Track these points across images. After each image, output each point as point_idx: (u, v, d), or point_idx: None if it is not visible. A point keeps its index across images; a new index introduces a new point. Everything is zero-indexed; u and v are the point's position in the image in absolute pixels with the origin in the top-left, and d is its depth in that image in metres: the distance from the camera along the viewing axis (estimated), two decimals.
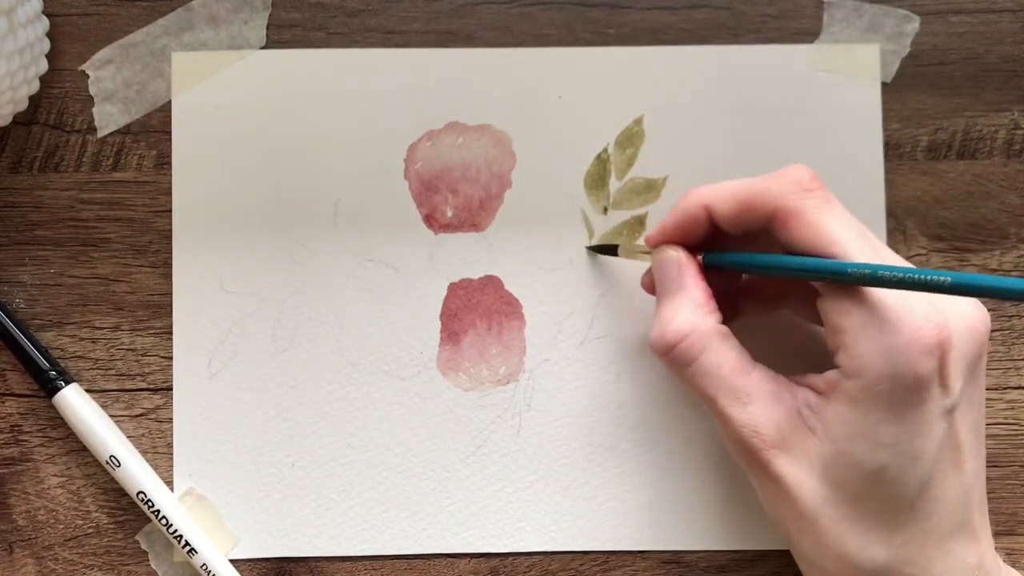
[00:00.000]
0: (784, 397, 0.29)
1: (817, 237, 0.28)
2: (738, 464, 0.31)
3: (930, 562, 0.28)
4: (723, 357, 0.30)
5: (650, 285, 0.34)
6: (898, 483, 0.28)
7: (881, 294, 0.28)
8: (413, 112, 0.36)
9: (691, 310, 0.30)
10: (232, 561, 0.34)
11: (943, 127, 0.36)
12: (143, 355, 0.35)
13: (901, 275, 0.26)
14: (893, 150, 0.36)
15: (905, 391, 0.27)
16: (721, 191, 0.31)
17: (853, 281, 0.28)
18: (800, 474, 0.29)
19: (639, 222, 0.36)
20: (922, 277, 0.26)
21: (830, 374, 0.29)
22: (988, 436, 0.35)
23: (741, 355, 0.30)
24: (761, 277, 0.34)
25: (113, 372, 0.35)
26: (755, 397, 0.29)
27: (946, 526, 0.28)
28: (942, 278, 0.25)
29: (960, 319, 0.28)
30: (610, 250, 0.35)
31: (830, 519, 0.29)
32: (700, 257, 0.32)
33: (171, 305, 0.35)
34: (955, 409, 0.28)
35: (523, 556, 0.35)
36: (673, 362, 0.31)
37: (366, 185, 0.36)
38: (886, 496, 0.28)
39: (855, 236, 0.29)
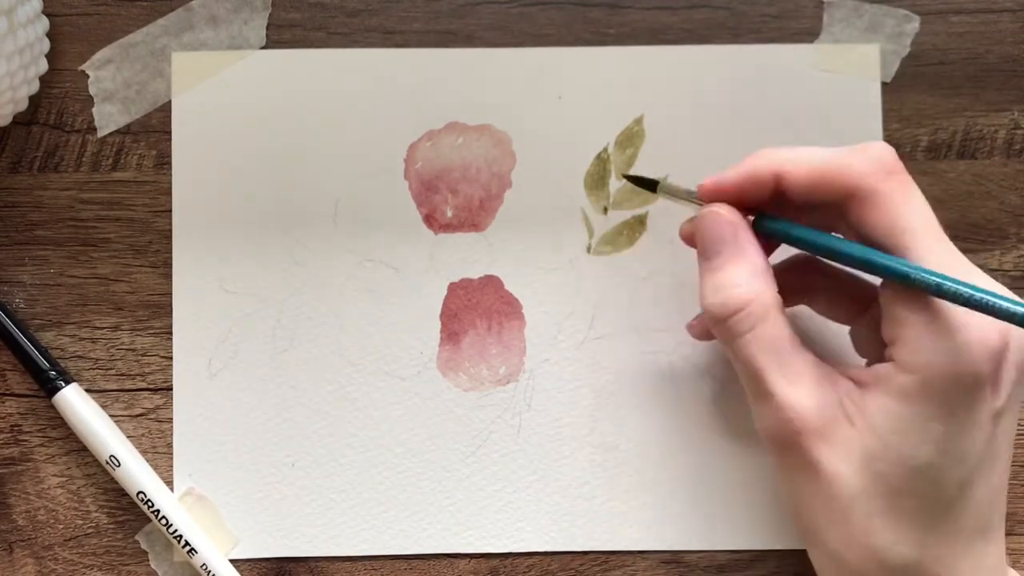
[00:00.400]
0: (828, 384, 0.29)
1: (892, 225, 0.28)
2: (768, 449, 0.30)
3: (957, 561, 0.28)
4: (782, 330, 0.29)
5: (690, 236, 0.32)
6: (940, 482, 0.28)
7: None
8: (413, 112, 0.36)
9: (753, 276, 0.29)
10: (232, 561, 0.34)
11: (943, 127, 0.36)
12: (143, 355, 0.35)
13: (967, 294, 0.26)
14: None
15: (963, 391, 0.27)
16: (797, 158, 0.29)
17: (913, 285, 0.27)
18: (838, 463, 0.28)
19: (639, 222, 0.36)
20: (990, 301, 0.26)
21: (880, 367, 0.28)
22: None
23: (794, 333, 0.29)
24: (797, 262, 0.33)
25: (113, 372, 0.35)
26: (804, 378, 0.28)
27: (975, 527, 0.28)
28: (1014, 308, 0.25)
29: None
30: (649, 185, 0.33)
31: (864, 511, 0.28)
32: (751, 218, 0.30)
33: (171, 305, 0.35)
34: (1002, 414, 0.28)
35: (523, 556, 0.35)
36: (729, 330, 0.29)
37: (366, 185, 0.36)
38: (926, 494, 0.28)
39: (932, 231, 0.28)
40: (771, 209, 0.30)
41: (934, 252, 0.27)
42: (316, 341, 0.35)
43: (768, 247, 0.31)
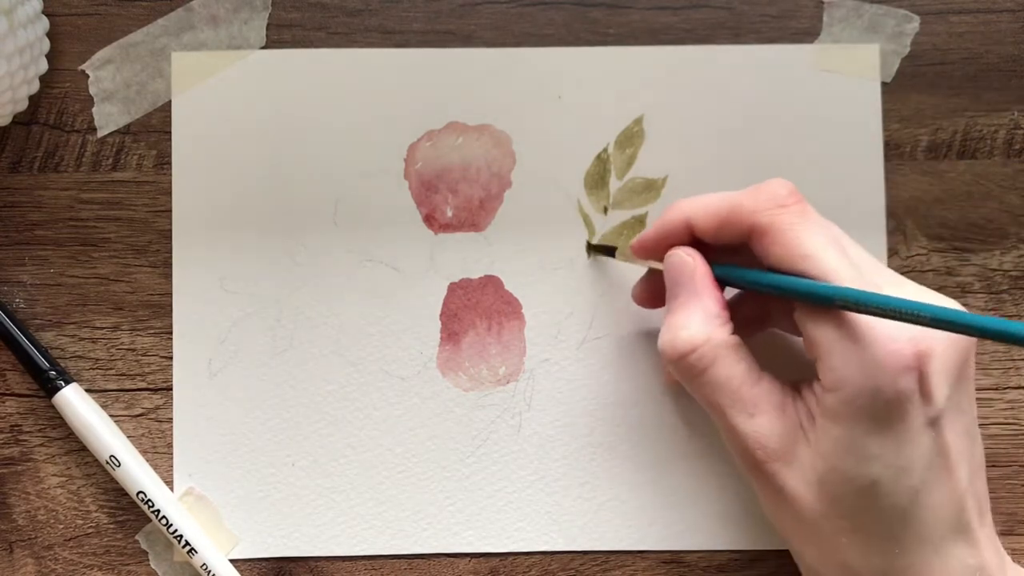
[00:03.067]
0: (789, 409, 0.29)
1: (789, 253, 0.29)
2: (742, 472, 0.31)
3: (929, 567, 0.28)
4: (733, 369, 0.30)
5: (641, 297, 0.34)
6: (890, 495, 0.28)
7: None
8: (413, 112, 0.36)
9: (704, 320, 0.30)
10: (232, 561, 0.34)
11: (943, 127, 0.36)
12: (143, 355, 0.35)
13: (876, 304, 0.26)
14: (893, 150, 0.36)
15: (885, 405, 0.27)
16: (701, 205, 0.31)
17: (827, 303, 0.27)
18: (801, 487, 0.29)
19: (639, 222, 0.36)
20: (897, 308, 0.25)
21: (815, 386, 0.29)
22: (988, 436, 0.35)
23: (750, 366, 0.30)
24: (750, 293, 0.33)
25: (113, 372, 0.35)
26: (761, 409, 0.29)
27: (942, 531, 0.28)
28: (920, 312, 0.25)
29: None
30: (608, 251, 0.35)
31: (829, 530, 0.29)
32: None
33: (171, 305, 0.35)
34: (941, 418, 0.28)
35: (523, 556, 0.35)
36: (683, 371, 0.30)
37: (366, 185, 0.36)
38: (879, 508, 0.28)
39: (831, 250, 0.28)
40: (719, 256, 0.31)
41: (837, 270, 0.28)
42: (316, 341, 0.35)
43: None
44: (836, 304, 0.27)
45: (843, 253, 0.29)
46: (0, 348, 0.35)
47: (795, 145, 0.36)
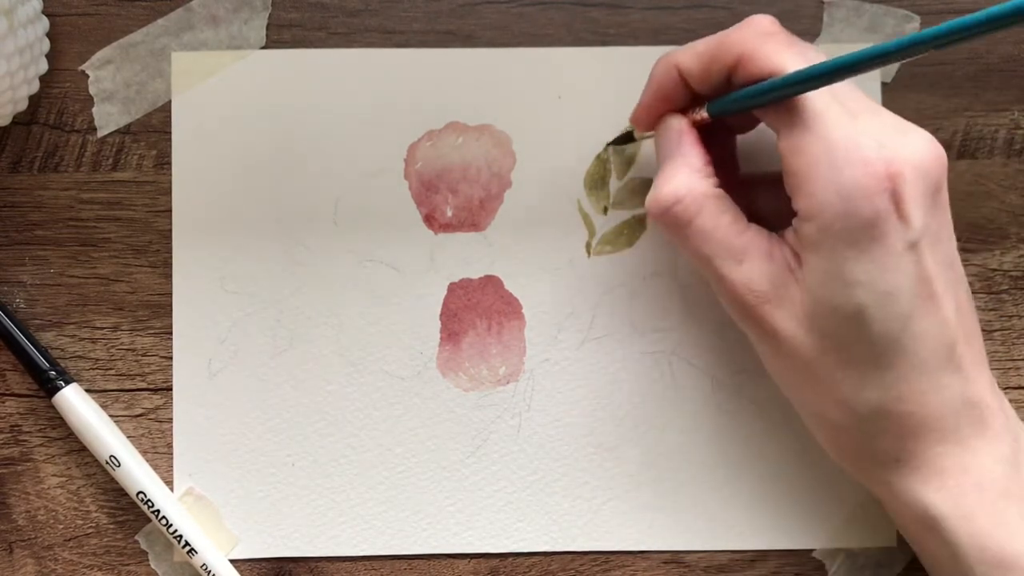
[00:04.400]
0: (776, 252, 0.30)
1: (773, 72, 0.29)
2: (736, 321, 0.32)
3: (924, 396, 0.29)
4: (718, 219, 0.30)
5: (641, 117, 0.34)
6: (879, 321, 0.28)
7: (829, 137, 0.28)
8: (413, 112, 0.36)
9: (687, 174, 0.30)
10: (232, 561, 0.34)
11: (943, 127, 0.36)
12: (143, 355, 0.35)
13: (835, 67, 0.26)
14: None
15: (863, 227, 0.28)
16: (687, 48, 0.31)
17: (791, 90, 0.28)
18: (792, 325, 0.29)
19: (639, 222, 0.36)
20: (861, 58, 0.26)
21: (795, 222, 0.29)
22: None
23: (736, 216, 0.30)
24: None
25: (113, 372, 0.35)
26: (749, 255, 0.30)
27: (934, 361, 0.29)
28: (887, 50, 0.25)
29: (911, 151, 0.28)
30: (627, 138, 0.35)
31: (823, 367, 0.29)
32: (703, 114, 0.31)
33: (171, 305, 0.35)
34: (919, 242, 0.28)
35: (523, 556, 0.35)
36: (669, 224, 0.31)
37: (366, 185, 0.36)
38: (870, 337, 0.28)
39: (806, 62, 0.28)
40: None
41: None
42: (316, 341, 0.35)
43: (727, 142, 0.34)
44: (802, 85, 0.27)
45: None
46: (0, 348, 0.35)
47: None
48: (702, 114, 0.31)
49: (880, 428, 0.29)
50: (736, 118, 0.32)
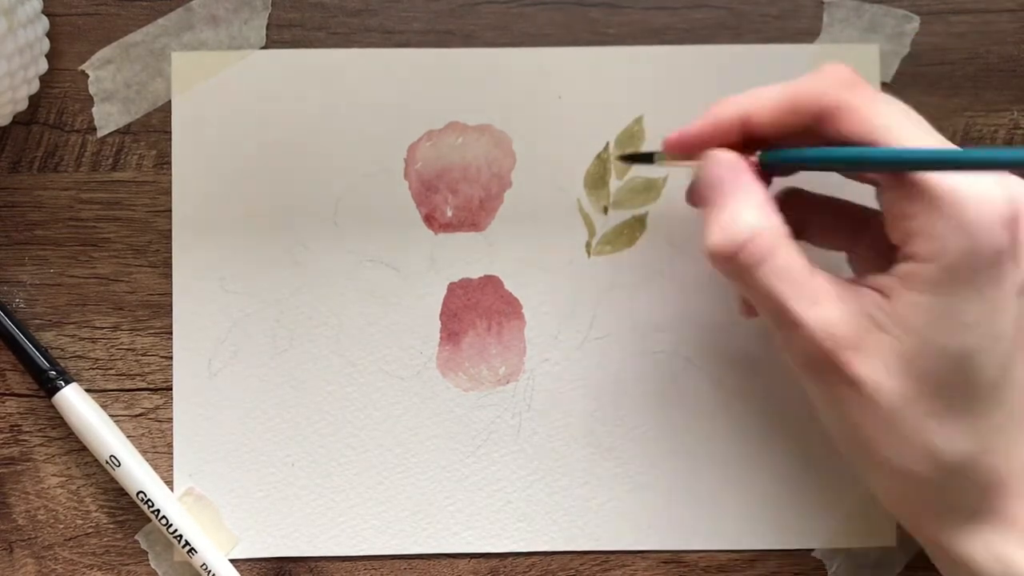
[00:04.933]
0: (851, 298, 0.28)
1: (870, 127, 0.28)
2: (804, 378, 0.30)
3: (1015, 450, 0.28)
4: (793, 258, 0.28)
5: (697, 197, 0.32)
6: (982, 367, 0.27)
7: (944, 177, 0.27)
8: (413, 112, 0.36)
9: (756, 209, 0.28)
10: (232, 561, 0.34)
11: (943, 127, 0.36)
12: (143, 355, 0.35)
13: (970, 159, 0.26)
14: None
15: (986, 266, 0.27)
16: (759, 98, 0.29)
17: (914, 167, 0.27)
18: (879, 374, 0.28)
19: (639, 222, 0.36)
20: (996, 159, 0.25)
21: (900, 267, 0.28)
22: None
23: (806, 259, 0.29)
24: (787, 198, 0.33)
25: (113, 372, 0.35)
26: (824, 296, 0.28)
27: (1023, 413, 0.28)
28: (1013, 155, 0.25)
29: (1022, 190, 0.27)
30: (645, 158, 0.33)
31: (912, 415, 0.28)
32: (753, 159, 0.30)
33: (171, 305, 0.35)
34: None
35: (523, 556, 0.35)
36: (740, 266, 0.28)
37: (366, 185, 0.36)
38: (970, 382, 0.28)
39: (908, 122, 0.28)
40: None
41: (920, 140, 0.28)
42: (316, 341, 0.35)
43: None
44: (930, 166, 0.27)
45: (921, 126, 0.28)
46: (0, 348, 0.35)
47: None
48: (752, 159, 0.30)
49: (965, 480, 0.28)
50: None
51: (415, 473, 0.35)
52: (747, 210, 0.28)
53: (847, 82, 0.29)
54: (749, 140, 0.30)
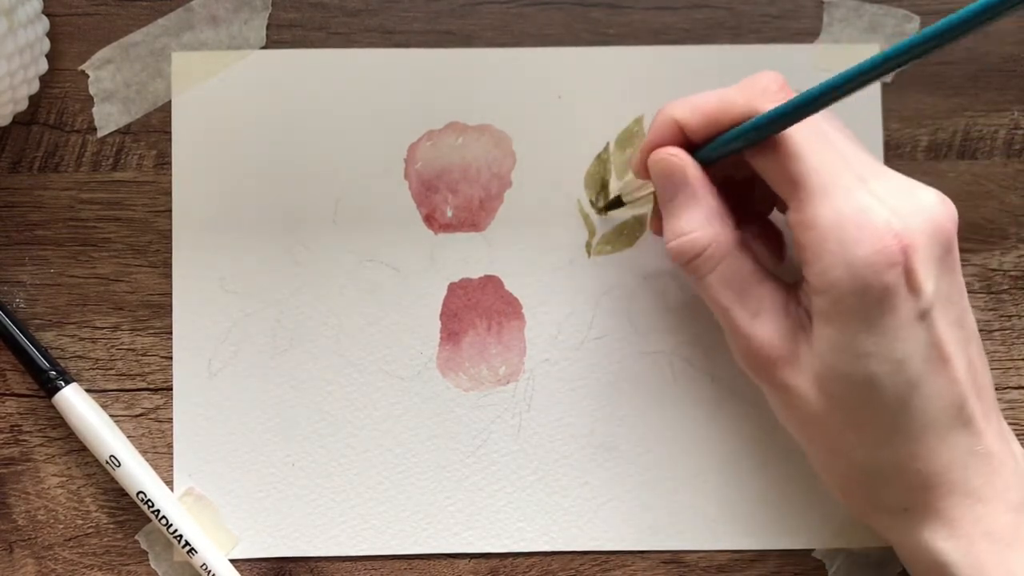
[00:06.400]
0: (791, 309, 0.30)
1: (780, 137, 0.29)
2: (746, 373, 0.32)
3: (933, 453, 0.29)
4: (739, 269, 0.30)
5: (657, 226, 0.33)
6: (887, 389, 0.28)
7: (838, 211, 0.28)
8: (413, 112, 0.36)
9: (707, 219, 0.30)
10: (232, 561, 0.34)
11: (943, 127, 0.36)
12: (143, 355, 0.35)
13: (841, 81, 0.26)
14: (893, 150, 0.36)
15: (874, 303, 0.27)
16: (689, 106, 0.30)
17: (795, 116, 0.27)
18: (803, 385, 0.29)
19: (639, 222, 0.36)
20: (863, 70, 0.26)
21: (805, 290, 0.29)
22: None
23: (756, 266, 0.30)
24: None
25: (113, 372, 0.35)
26: (764, 308, 0.30)
27: (943, 420, 0.29)
28: (886, 58, 0.25)
29: (922, 218, 0.28)
30: (616, 204, 0.35)
31: (834, 426, 0.29)
32: None
33: (171, 305, 0.35)
34: (931, 310, 0.28)
35: (523, 556, 0.35)
36: (691, 272, 0.31)
37: (366, 185, 0.36)
38: (880, 401, 0.28)
39: (818, 141, 0.29)
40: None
41: (828, 162, 0.28)
42: (316, 341, 0.35)
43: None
44: (806, 109, 0.27)
45: (829, 144, 0.29)
46: (0, 348, 0.35)
47: None
48: None
49: (889, 482, 0.30)
50: (730, 165, 0.32)
51: (415, 473, 0.35)
52: (696, 219, 0.30)
53: (769, 93, 0.29)
54: (690, 144, 0.31)
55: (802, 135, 0.29)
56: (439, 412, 0.35)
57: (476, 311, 0.36)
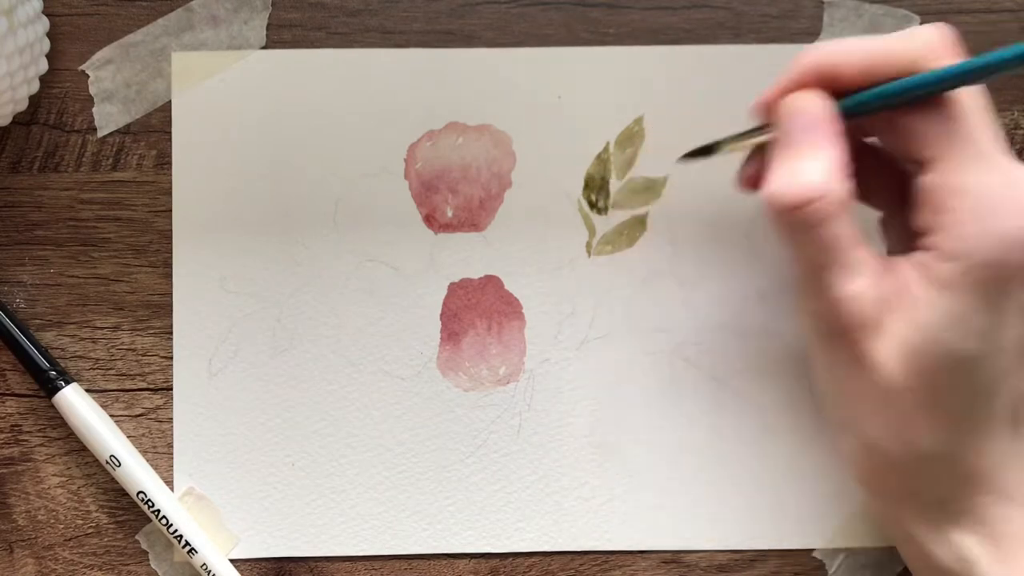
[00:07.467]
0: (886, 277, 0.28)
1: (943, 98, 0.27)
2: (814, 342, 0.30)
3: (992, 452, 0.28)
4: (848, 229, 0.28)
5: (749, 178, 0.32)
6: (982, 373, 0.28)
7: (995, 178, 0.27)
8: (413, 112, 0.36)
9: (829, 170, 0.28)
10: (232, 561, 0.35)
11: None
12: (143, 355, 0.35)
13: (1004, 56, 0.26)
14: None
15: (1005, 280, 0.27)
16: (846, 50, 0.28)
17: (980, 75, 0.26)
18: (884, 358, 0.28)
19: (639, 222, 0.36)
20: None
21: (921, 256, 0.28)
22: None
23: (857, 229, 0.28)
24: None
25: (113, 372, 0.35)
26: (862, 272, 0.28)
27: (1008, 419, 0.28)
28: None
29: None
30: (706, 151, 0.32)
31: (905, 403, 0.28)
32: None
33: (171, 305, 0.35)
34: None
35: (523, 556, 0.35)
36: (794, 223, 0.28)
37: (366, 185, 0.36)
38: (965, 385, 0.28)
39: (981, 104, 0.28)
40: None
41: (992, 136, 0.27)
42: (316, 341, 0.35)
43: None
44: (991, 70, 0.26)
45: (988, 114, 0.28)
46: (0, 348, 0.35)
47: None
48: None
49: (938, 471, 0.29)
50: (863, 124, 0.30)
51: (415, 473, 0.35)
52: (820, 166, 0.28)
53: (938, 51, 0.28)
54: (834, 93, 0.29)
55: (970, 97, 0.28)
56: (439, 412, 0.35)
57: (476, 311, 0.36)
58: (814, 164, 0.28)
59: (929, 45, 0.28)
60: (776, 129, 0.29)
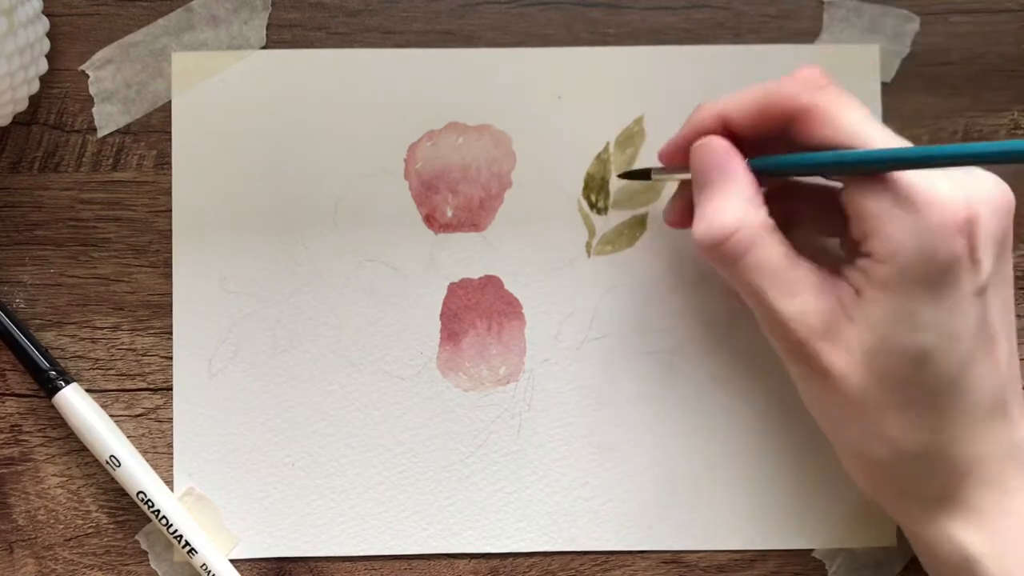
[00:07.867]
0: (828, 289, 0.29)
1: (837, 130, 0.29)
2: (783, 358, 0.31)
3: (971, 440, 0.29)
4: (772, 251, 0.29)
5: (674, 215, 0.33)
6: (940, 364, 0.28)
7: (905, 178, 0.28)
8: (413, 112, 0.36)
9: (740, 204, 0.30)
10: (232, 561, 0.35)
11: (943, 127, 0.36)
12: (143, 355, 0.35)
13: (941, 155, 0.26)
14: None
15: (939, 271, 0.27)
16: (735, 100, 0.30)
17: (887, 167, 0.27)
18: (844, 363, 0.29)
19: (639, 222, 0.36)
20: (961, 154, 0.26)
21: (861, 263, 0.29)
22: None
23: (788, 249, 0.30)
24: (777, 191, 0.33)
25: (113, 372, 0.35)
26: (801, 289, 0.29)
27: (985, 406, 0.29)
28: (985, 151, 0.26)
29: (985, 196, 0.28)
30: (642, 174, 0.34)
31: (875, 405, 0.29)
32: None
33: (171, 305, 0.35)
34: (987, 288, 0.28)
35: (523, 556, 0.35)
36: (721, 258, 0.30)
37: (366, 185, 0.36)
38: (929, 379, 0.28)
39: (873, 125, 0.29)
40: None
41: (885, 141, 0.28)
42: (316, 341, 0.35)
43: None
44: (898, 165, 0.27)
45: (885, 130, 0.29)
46: (0, 348, 0.35)
47: None
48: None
49: (925, 468, 0.29)
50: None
51: (415, 473, 0.35)
52: (733, 203, 0.30)
53: (816, 85, 0.29)
54: (731, 142, 0.31)
55: (860, 114, 0.29)
56: (439, 412, 0.35)
57: (476, 311, 0.36)
58: (725, 201, 0.30)
59: (811, 82, 0.29)
60: (692, 162, 0.31)
